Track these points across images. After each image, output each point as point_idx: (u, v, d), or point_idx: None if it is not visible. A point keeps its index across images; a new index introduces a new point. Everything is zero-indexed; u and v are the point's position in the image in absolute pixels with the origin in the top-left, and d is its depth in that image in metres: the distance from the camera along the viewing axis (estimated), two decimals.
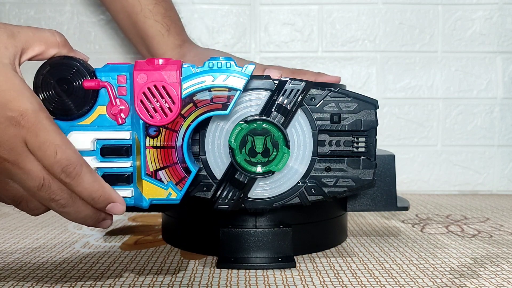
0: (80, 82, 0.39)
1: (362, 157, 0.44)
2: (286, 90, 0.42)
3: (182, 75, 0.40)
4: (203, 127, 0.45)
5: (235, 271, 0.47)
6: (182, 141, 0.40)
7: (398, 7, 0.90)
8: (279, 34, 0.91)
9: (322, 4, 0.90)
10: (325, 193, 0.44)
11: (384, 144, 0.90)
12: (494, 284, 0.43)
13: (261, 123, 0.42)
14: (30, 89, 0.37)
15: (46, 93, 0.39)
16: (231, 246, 0.48)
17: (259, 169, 0.42)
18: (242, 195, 0.43)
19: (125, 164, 0.40)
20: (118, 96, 0.40)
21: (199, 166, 0.43)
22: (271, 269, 0.47)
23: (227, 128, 0.44)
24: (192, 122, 0.40)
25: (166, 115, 0.40)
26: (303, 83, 0.43)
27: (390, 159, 0.55)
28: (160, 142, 0.40)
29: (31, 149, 0.35)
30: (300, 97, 0.43)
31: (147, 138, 0.40)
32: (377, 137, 0.45)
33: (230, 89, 0.40)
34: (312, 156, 0.44)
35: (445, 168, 0.92)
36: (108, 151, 0.40)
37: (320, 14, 0.90)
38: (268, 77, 0.44)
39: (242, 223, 0.49)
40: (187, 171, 0.41)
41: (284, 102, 0.42)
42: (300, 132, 0.44)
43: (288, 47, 0.91)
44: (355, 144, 0.44)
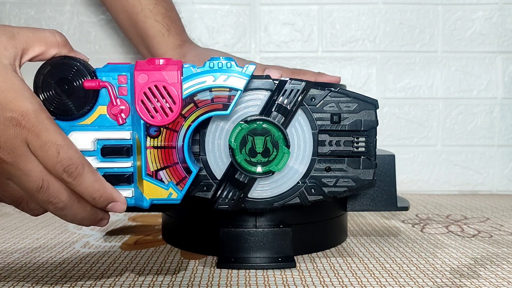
0: (80, 82, 0.39)
1: (362, 157, 0.44)
2: (286, 90, 0.42)
3: (183, 75, 0.40)
4: (203, 127, 0.45)
5: (235, 271, 0.47)
6: (183, 141, 0.40)
7: (398, 7, 0.90)
8: (279, 34, 0.91)
9: (322, 4, 0.90)
10: (325, 193, 0.44)
11: (384, 144, 0.90)
12: (494, 284, 0.43)
13: (261, 123, 0.42)
14: (30, 89, 0.37)
15: (46, 93, 0.39)
16: (231, 246, 0.48)
17: (259, 169, 0.42)
18: (242, 195, 0.43)
19: (125, 164, 0.40)
20: (118, 96, 0.40)
21: (199, 166, 0.43)
22: (271, 269, 0.47)
23: (227, 128, 0.44)
24: (192, 122, 0.40)
25: (167, 115, 0.40)
26: (303, 83, 0.43)
27: (390, 159, 0.55)
28: (161, 142, 0.40)
29: (33, 149, 0.35)
30: (300, 97, 0.43)
31: (148, 138, 0.40)
32: (377, 137, 0.46)
33: (231, 89, 0.40)
34: (312, 156, 0.44)
35: (445, 168, 0.92)
36: (109, 151, 0.40)
37: (320, 14, 0.90)
38: (268, 77, 0.44)
39: (242, 223, 0.49)
40: (188, 171, 0.41)
41: (284, 102, 0.42)
42: (300, 132, 0.44)
43: (288, 47, 0.91)
44: (355, 144, 0.44)
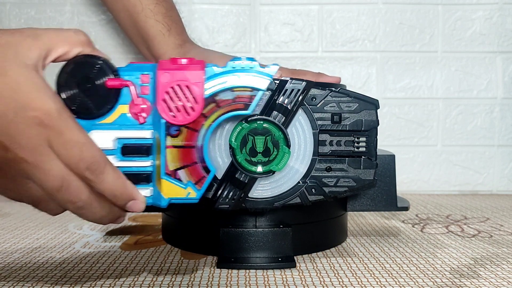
0: (103, 81, 0.39)
1: (363, 157, 0.44)
2: (286, 90, 0.42)
3: (205, 75, 0.40)
4: None
5: (235, 271, 0.47)
6: (203, 140, 0.41)
7: (398, 7, 0.90)
8: (279, 34, 0.91)
9: (322, 4, 0.90)
10: (325, 193, 0.44)
11: (384, 144, 0.90)
12: (494, 284, 0.43)
13: (261, 122, 0.42)
14: (52, 89, 0.37)
15: (69, 91, 0.39)
16: (231, 246, 0.48)
17: (259, 168, 0.42)
18: (243, 194, 0.43)
19: (145, 163, 0.40)
20: (140, 95, 0.40)
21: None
22: (271, 269, 0.47)
23: (228, 127, 0.44)
24: (213, 122, 0.41)
25: (188, 115, 0.40)
26: (304, 82, 0.43)
27: (391, 159, 0.55)
28: (181, 141, 0.40)
29: (55, 148, 0.35)
30: (300, 96, 0.43)
31: (168, 137, 0.40)
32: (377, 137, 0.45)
33: (253, 89, 0.41)
34: (312, 156, 0.44)
35: (445, 168, 0.92)
36: (129, 150, 0.40)
37: (320, 14, 0.90)
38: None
39: (242, 223, 0.49)
40: (207, 171, 0.41)
41: (285, 102, 0.42)
42: (300, 131, 0.44)
43: (288, 47, 0.91)
44: (355, 144, 0.44)
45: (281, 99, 0.42)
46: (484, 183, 0.92)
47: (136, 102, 0.40)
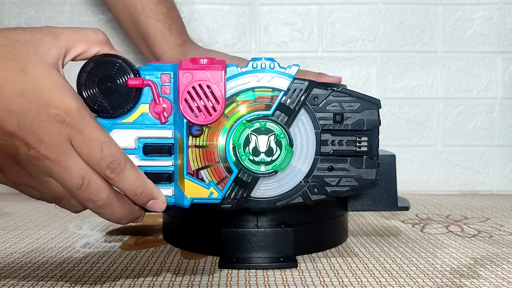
0: (124, 80, 0.39)
1: (365, 156, 0.44)
2: (289, 89, 0.42)
3: (226, 75, 0.40)
4: None
5: (235, 271, 0.47)
6: (225, 140, 0.41)
7: (398, 7, 0.90)
8: (279, 34, 0.91)
9: (322, 4, 0.90)
10: (328, 192, 0.44)
11: (384, 144, 0.90)
12: (494, 284, 0.43)
13: (264, 122, 0.42)
14: (73, 87, 0.37)
15: (90, 90, 0.39)
16: (232, 246, 0.48)
17: (262, 168, 0.42)
18: (245, 194, 0.43)
19: (167, 163, 0.41)
20: (161, 94, 0.40)
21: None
22: (272, 269, 0.47)
23: None
24: (235, 122, 0.41)
25: (210, 115, 0.40)
26: (307, 82, 0.43)
27: (391, 159, 0.55)
28: (203, 141, 0.41)
29: (76, 146, 0.36)
30: (303, 96, 0.42)
31: (190, 137, 0.40)
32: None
33: (274, 89, 0.41)
34: (315, 155, 0.44)
35: (445, 168, 0.92)
36: (151, 149, 0.40)
37: (320, 14, 0.90)
38: None
39: (243, 223, 0.49)
40: (229, 171, 0.41)
41: (288, 102, 0.42)
42: (303, 131, 0.43)
43: (288, 47, 0.91)
44: (357, 144, 0.44)
45: (283, 98, 0.42)
46: (484, 183, 0.92)
47: (158, 102, 0.40)
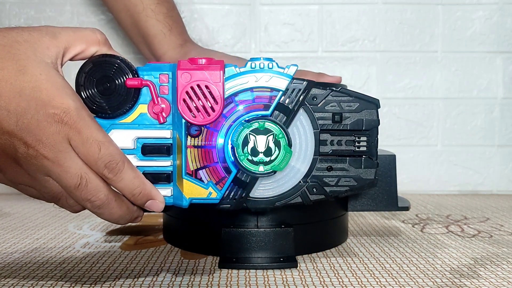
0: (122, 80, 0.39)
1: (364, 156, 0.44)
2: (288, 89, 0.42)
3: (225, 75, 0.40)
4: None
5: (235, 271, 0.47)
6: (224, 141, 0.41)
7: (398, 7, 0.90)
8: (279, 34, 0.91)
9: (322, 4, 0.90)
10: (326, 192, 0.44)
11: (384, 144, 0.90)
12: (494, 284, 0.43)
13: (263, 122, 0.42)
14: (72, 87, 0.37)
15: (88, 91, 0.39)
16: (232, 246, 0.48)
17: (261, 168, 0.42)
18: (244, 194, 0.43)
19: (165, 163, 0.41)
20: (160, 95, 0.40)
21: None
22: (273, 269, 0.47)
23: None
24: (233, 122, 0.41)
25: (208, 115, 0.40)
26: (305, 82, 0.43)
27: (391, 159, 0.55)
28: (201, 141, 0.41)
29: (74, 146, 0.36)
30: (302, 96, 0.42)
31: (189, 137, 0.41)
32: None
33: (272, 89, 0.41)
34: (313, 155, 0.44)
35: (445, 168, 0.92)
36: (149, 149, 0.40)
37: (320, 14, 0.90)
38: None
39: (244, 223, 0.49)
40: (227, 171, 0.42)
41: (286, 102, 0.42)
42: (302, 131, 0.43)
43: (288, 47, 0.91)
44: (356, 144, 0.44)
45: (282, 98, 0.42)
46: (484, 183, 0.92)
47: (156, 102, 0.40)
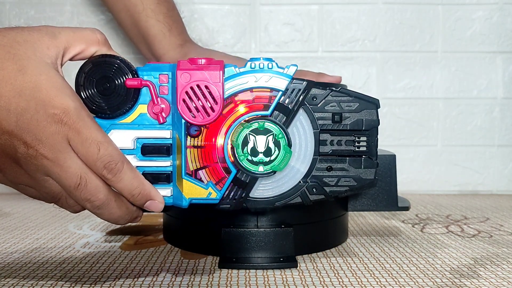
0: (122, 81, 0.39)
1: (364, 156, 0.44)
2: (287, 90, 0.42)
3: (224, 75, 0.40)
4: None
5: (235, 271, 0.47)
6: (223, 141, 0.41)
7: (398, 7, 0.90)
8: (279, 34, 0.91)
9: (322, 4, 0.90)
10: (326, 192, 0.44)
11: (384, 144, 0.90)
12: (494, 284, 0.43)
13: (263, 122, 0.42)
14: (71, 87, 0.37)
15: (88, 91, 0.39)
16: (233, 246, 0.48)
17: (260, 168, 0.42)
18: (244, 194, 0.43)
19: (165, 163, 0.41)
20: (159, 95, 0.40)
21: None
22: (273, 269, 0.47)
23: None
24: (233, 122, 0.41)
25: (208, 115, 0.40)
26: (305, 82, 0.43)
27: (391, 159, 0.55)
28: (201, 141, 0.41)
29: (74, 146, 0.36)
30: (301, 96, 0.42)
31: (188, 138, 0.41)
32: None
33: (272, 89, 0.41)
34: (313, 155, 0.44)
35: (445, 168, 0.92)
36: (149, 150, 0.40)
37: (320, 14, 0.90)
38: None
39: (243, 223, 0.49)
40: (227, 171, 0.42)
41: (286, 102, 0.42)
42: (301, 131, 0.43)
43: (288, 47, 0.91)
44: (356, 144, 0.44)
45: (282, 98, 0.42)
46: (484, 183, 0.92)
47: (156, 102, 0.40)
